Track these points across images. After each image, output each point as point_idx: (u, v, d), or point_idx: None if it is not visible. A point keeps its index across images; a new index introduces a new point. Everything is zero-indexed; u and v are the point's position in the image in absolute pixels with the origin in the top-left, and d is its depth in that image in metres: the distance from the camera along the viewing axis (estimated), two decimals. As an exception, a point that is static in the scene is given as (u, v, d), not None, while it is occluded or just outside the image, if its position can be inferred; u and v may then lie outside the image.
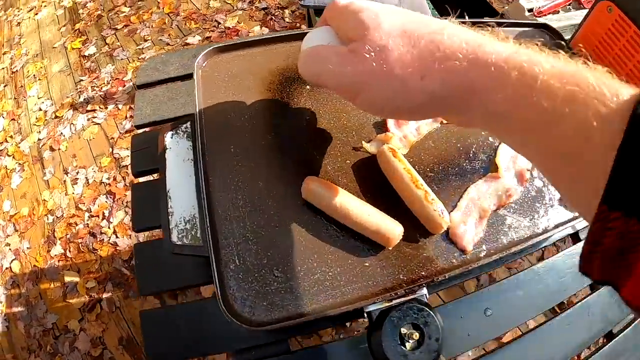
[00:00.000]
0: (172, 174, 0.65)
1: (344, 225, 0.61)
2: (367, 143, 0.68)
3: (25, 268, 2.11)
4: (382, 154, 0.64)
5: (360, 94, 0.43)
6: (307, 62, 0.49)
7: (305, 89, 0.74)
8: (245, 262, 0.59)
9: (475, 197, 0.66)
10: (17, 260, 2.15)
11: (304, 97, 0.73)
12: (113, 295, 1.97)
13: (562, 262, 0.70)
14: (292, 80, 0.75)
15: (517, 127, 0.34)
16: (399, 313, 0.55)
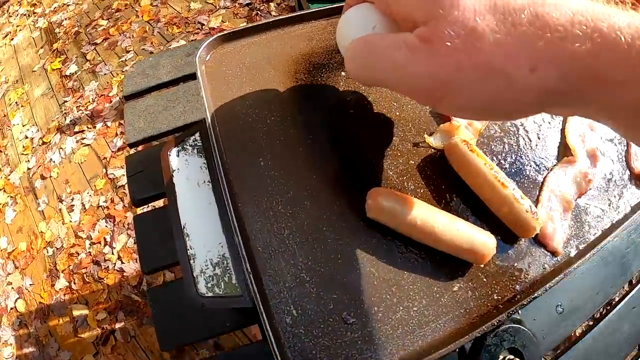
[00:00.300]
0: (186, 203, 0.51)
1: (421, 245, 0.48)
2: (430, 137, 0.56)
3: (31, 306, 2.02)
4: (454, 148, 0.52)
5: (446, 97, 0.34)
6: (360, 60, 0.38)
7: (340, 75, 0.59)
8: (305, 312, 0.45)
9: (556, 187, 0.58)
10: (21, 298, 2.05)
11: (340, 86, 0.59)
12: (126, 324, 1.87)
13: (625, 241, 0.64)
14: (321, 66, 0.60)
15: None
16: (495, 339, 0.47)
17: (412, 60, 0.33)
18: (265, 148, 0.52)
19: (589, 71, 0.28)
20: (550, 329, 0.58)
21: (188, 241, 0.48)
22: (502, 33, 0.29)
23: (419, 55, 0.32)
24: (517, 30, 0.29)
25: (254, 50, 0.61)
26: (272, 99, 0.56)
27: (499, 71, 0.30)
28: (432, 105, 0.37)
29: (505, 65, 0.29)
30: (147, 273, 0.63)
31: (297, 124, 0.54)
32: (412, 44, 0.32)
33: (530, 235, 0.51)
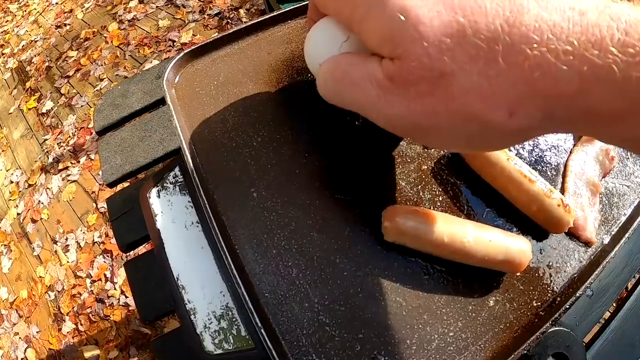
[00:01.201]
0: (176, 251, 0.44)
1: (448, 261, 0.42)
2: None
3: (41, 354, 1.96)
4: None
5: (425, 138, 0.31)
6: (332, 86, 0.33)
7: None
8: (331, 359, 0.38)
9: (580, 171, 0.53)
10: (30, 347, 2.00)
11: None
12: (139, 358, 1.82)
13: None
14: (305, 70, 0.54)
15: None
16: (538, 349, 0.42)
17: (383, 100, 0.28)
18: (255, 176, 0.45)
19: (579, 108, 0.24)
20: (583, 315, 0.53)
21: (185, 294, 0.42)
22: (474, 74, 0.24)
23: (390, 96, 0.28)
24: (491, 69, 0.24)
25: (227, 63, 0.55)
26: (255, 118, 0.49)
27: (475, 116, 0.26)
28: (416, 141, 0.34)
29: (480, 112, 0.25)
30: (148, 323, 0.56)
31: (288, 142, 0.47)
32: (381, 82, 0.28)
33: (563, 230, 0.46)
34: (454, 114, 0.26)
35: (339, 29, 0.33)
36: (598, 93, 0.22)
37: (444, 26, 0.24)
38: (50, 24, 3.37)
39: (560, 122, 0.25)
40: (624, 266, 0.56)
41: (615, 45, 0.22)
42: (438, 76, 0.25)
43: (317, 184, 0.45)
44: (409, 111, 0.28)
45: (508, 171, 0.44)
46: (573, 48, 0.22)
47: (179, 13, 2.89)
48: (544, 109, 0.24)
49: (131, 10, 3.08)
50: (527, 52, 0.23)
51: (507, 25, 0.23)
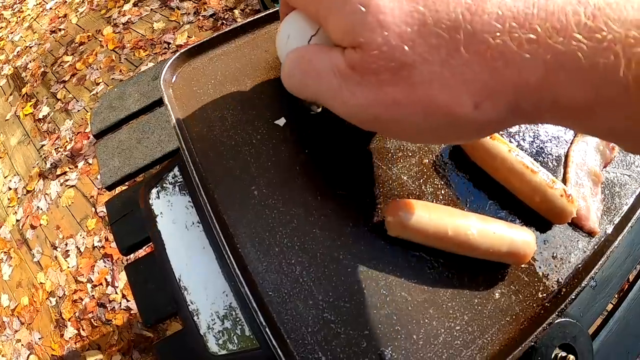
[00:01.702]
0: (177, 252, 0.44)
1: (453, 254, 0.42)
2: None
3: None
4: None
5: (387, 130, 0.30)
6: (298, 77, 0.32)
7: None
8: (336, 356, 0.38)
9: (581, 161, 0.53)
10: (33, 354, 2.00)
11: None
12: None
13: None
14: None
15: None
16: (545, 340, 0.42)
17: (345, 89, 0.28)
18: (256, 174, 0.44)
19: (545, 99, 0.23)
20: (587, 306, 0.53)
21: (187, 295, 0.41)
22: (436, 64, 0.24)
23: (351, 86, 0.27)
24: (453, 59, 0.23)
25: (225, 61, 0.54)
26: (254, 115, 0.49)
27: (438, 108, 0.25)
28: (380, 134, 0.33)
29: (444, 103, 0.25)
30: (150, 326, 0.56)
31: (288, 139, 0.47)
32: (343, 71, 0.27)
33: (567, 220, 0.45)
34: (416, 105, 0.26)
35: (308, 23, 0.33)
36: (563, 82, 0.22)
37: (404, 15, 0.24)
38: (44, 29, 3.36)
39: (528, 113, 0.24)
40: (627, 256, 0.56)
41: (580, 31, 0.21)
42: (399, 66, 0.25)
43: (318, 181, 0.44)
44: (370, 101, 0.27)
45: (510, 163, 0.43)
46: (536, 35, 0.21)
47: (174, 15, 2.88)
48: (510, 100, 0.24)
49: (125, 14, 3.07)
50: (490, 41, 0.22)
51: (468, 14, 0.23)
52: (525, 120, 0.26)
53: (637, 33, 0.19)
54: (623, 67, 0.20)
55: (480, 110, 0.24)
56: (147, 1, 3.08)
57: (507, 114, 0.25)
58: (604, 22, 0.20)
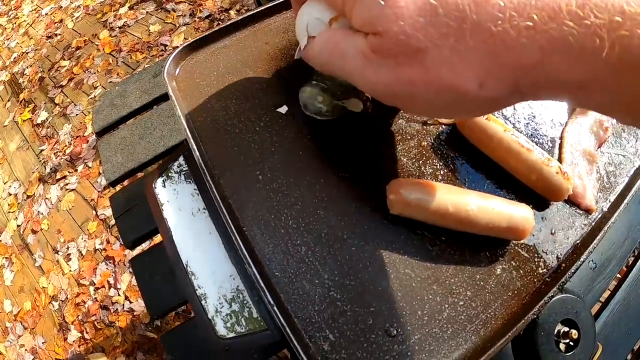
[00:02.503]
0: (184, 238, 0.44)
1: (454, 232, 0.43)
2: None
3: None
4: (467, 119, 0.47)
5: (405, 105, 0.36)
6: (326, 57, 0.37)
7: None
8: (343, 333, 0.39)
9: (576, 142, 0.54)
10: (36, 359, 1.99)
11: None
12: None
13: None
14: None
15: None
16: (547, 315, 0.42)
17: (368, 69, 0.32)
18: (260, 159, 0.46)
19: (542, 78, 0.26)
20: (588, 286, 0.55)
21: (195, 280, 0.42)
22: (446, 49, 0.27)
23: (373, 66, 0.32)
24: (461, 45, 0.27)
25: (226, 54, 0.55)
26: (256, 104, 0.50)
27: (448, 87, 0.29)
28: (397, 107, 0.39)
29: (453, 82, 0.28)
30: (156, 318, 0.56)
31: (290, 125, 0.48)
32: (366, 54, 0.32)
33: (563, 197, 0.47)
34: (429, 84, 0.29)
35: (327, 8, 0.38)
36: (558, 64, 0.24)
37: (418, 7, 0.27)
38: (40, 34, 3.36)
39: (527, 91, 0.27)
40: (625, 238, 0.58)
41: (572, 19, 0.23)
42: (414, 51, 0.28)
43: (321, 164, 0.45)
44: (390, 80, 0.31)
45: (506, 142, 0.45)
46: (533, 23, 0.24)
47: (170, 17, 2.89)
48: (510, 80, 0.27)
49: (121, 17, 3.07)
50: (492, 29, 0.25)
51: (474, 5, 0.26)
52: (525, 98, 0.29)
53: (620, 18, 0.22)
54: (607, 48, 0.22)
55: (484, 88, 0.28)
56: (143, 4, 3.08)
57: (508, 92, 0.28)
58: (591, 10, 0.23)
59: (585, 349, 0.42)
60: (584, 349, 0.42)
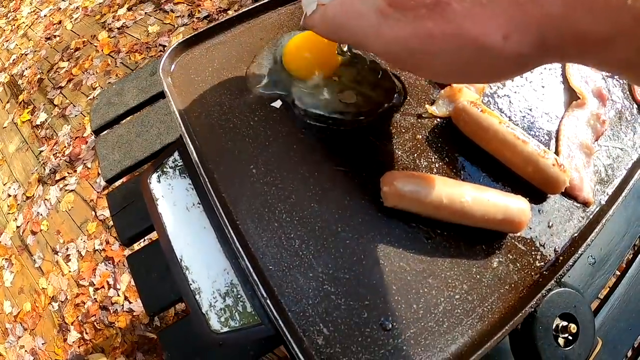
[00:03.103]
0: (178, 233, 0.44)
1: (450, 224, 0.43)
2: (432, 106, 0.51)
3: None
4: (462, 112, 0.47)
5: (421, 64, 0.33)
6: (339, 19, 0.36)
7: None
8: (337, 327, 0.39)
9: (572, 135, 0.54)
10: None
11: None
12: None
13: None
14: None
15: None
16: (545, 309, 0.42)
17: (384, 26, 0.31)
18: (254, 153, 0.46)
19: (567, 33, 0.25)
20: (587, 282, 0.55)
21: (189, 275, 0.42)
22: (468, 1, 0.27)
23: (390, 21, 0.30)
24: None
25: (222, 50, 0.55)
26: (251, 99, 0.50)
27: (470, 40, 0.28)
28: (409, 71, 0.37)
29: (476, 35, 0.27)
30: (152, 315, 0.56)
31: (285, 119, 0.48)
32: (382, 8, 0.31)
33: (560, 190, 0.46)
34: (450, 38, 0.28)
35: None
36: (581, 16, 0.24)
37: None
38: (39, 36, 3.36)
39: (552, 48, 0.26)
40: (624, 233, 0.58)
41: None
42: (435, 3, 0.28)
43: (315, 157, 0.45)
44: (407, 35, 0.30)
45: (501, 134, 0.44)
46: None
47: (168, 18, 2.89)
48: (535, 33, 0.26)
49: (120, 18, 3.07)
50: None
51: None
52: (552, 58, 0.28)
53: None
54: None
55: (508, 41, 0.27)
56: (141, 5, 3.08)
57: (534, 47, 0.27)
58: None
59: (584, 343, 0.42)
60: (583, 343, 0.42)
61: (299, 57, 0.50)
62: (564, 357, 0.41)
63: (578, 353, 0.41)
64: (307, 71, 0.49)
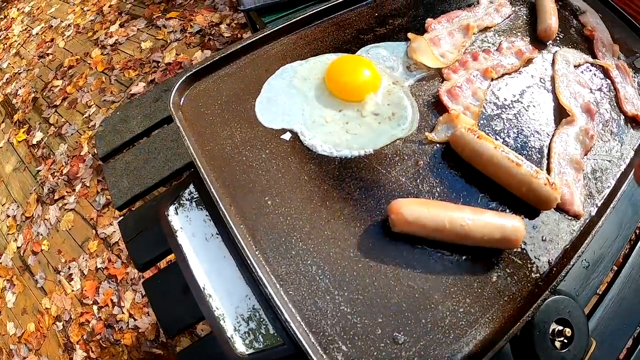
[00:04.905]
0: (199, 263, 0.48)
1: (452, 245, 0.47)
2: (432, 133, 0.55)
3: None
4: (461, 138, 0.51)
5: None
6: None
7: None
8: (355, 344, 0.42)
9: (562, 151, 0.57)
10: (42, 380, 1.92)
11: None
12: None
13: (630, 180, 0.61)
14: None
15: None
16: (542, 316, 0.46)
17: None
18: (267, 185, 0.49)
19: None
20: (582, 285, 0.58)
21: (212, 302, 0.45)
22: None
23: None
24: None
25: (228, 82, 0.58)
26: (261, 132, 0.53)
27: None
28: None
29: None
30: (173, 337, 0.59)
31: (294, 151, 0.51)
32: None
33: (552, 207, 0.50)
34: None
35: None
36: None
37: None
38: (32, 54, 3.34)
39: None
40: (616, 236, 0.61)
41: None
42: None
43: (325, 187, 0.49)
44: None
45: (497, 158, 0.48)
46: None
47: (160, 34, 2.89)
48: None
49: (112, 35, 3.07)
50: None
51: None
52: None
53: None
54: None
55: None
56: (133, 21, 3.08)
57: None
58: None
59: (579, 345, 0.45)
60: (578, 345, 0.45)
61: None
62: (561, 358, 0.44)
63: (573, 354, 0.45)
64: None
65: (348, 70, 0.53)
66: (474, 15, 0.71)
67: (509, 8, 0.73)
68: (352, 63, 0.54)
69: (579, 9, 0.77)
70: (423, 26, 0.68)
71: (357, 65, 0.54)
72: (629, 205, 0.63)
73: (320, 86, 0.57)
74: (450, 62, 0.62)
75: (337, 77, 0.54)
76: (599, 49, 0.71)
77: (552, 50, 0.68)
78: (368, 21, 0.68)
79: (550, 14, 0.70)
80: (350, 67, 0.54)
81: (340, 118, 0.54)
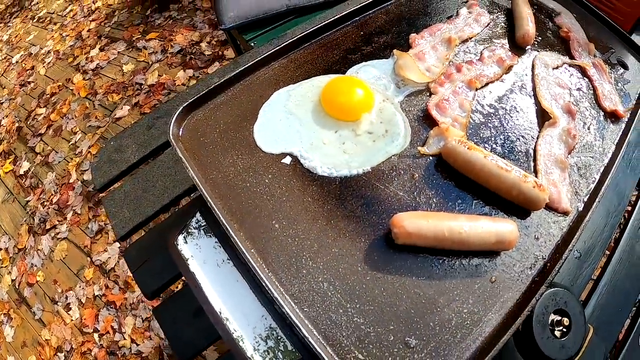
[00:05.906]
0: (213, 288, 0.49)
1: (452, 251, 0.50)
2: (424, 146, 0.58)
3: None
4: (452, 150, 0.54)
5: None
6: None
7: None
8: (370, 352, 0.45)
9: (548, 152, 0.61)
10: (46, 414, 1.89)
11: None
12: None
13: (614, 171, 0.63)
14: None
15: None
16: (540, 308, 0.49)
17: None
18: (274, 210, 0.51)
19: None
20: (575, 275, 0.61)
21: (229, 325, 0.47)
22: None
23: None
24: None
25: (225, 110, 0.60)
26: (261, 157, 0.55)
27: None
28: None
29: None
30: (187, 361, 0.60)
31: (297, 174, 0.54)
32: None
33: (541, 207, 0.53)
34: None
35: None
36: None
37: None
38: (13, 83, 3.31)
39: None
40: (604, 225, 0.64)
41: None
42: None
43: (329, 206, 0.51)
44: None
45: (487, 167, 0.51)
46: None
47: (141, 55, 2.89)
48: None
49: (93, 59, 3.06)
50: None
51: None
52: None
53: None
54: None
55: None
56: (113, 44, 3.08)
57: None
58: None
59: (577, 332, 0.48)
60: (576, 332, 0.48)
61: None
62: (561, 346, 0.47)
63: (573, 341, 0.48)
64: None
65: (344, 91, 0.56)
66: (454, 26, 0.75)
67: (487, 17, 0.77)
68: (347, 83, 0.57)
69: (554, 11, 0.81)
70: (407, 42, 0.71)
71: (351, 86, 0.57)
72: (614, 194, 0.66)
73: (315, 108, 0.60)
74: (436, 76, 0.65)
75: (334, 97, 0.57)
76: (576, 49, 0.75)
77: (531, 55, 0.72)
78: (354, 40, 0.71)
79: (527, 20, 0.73)
80: (346, 88, 0.57)
81: (337, 139, 0.56)
